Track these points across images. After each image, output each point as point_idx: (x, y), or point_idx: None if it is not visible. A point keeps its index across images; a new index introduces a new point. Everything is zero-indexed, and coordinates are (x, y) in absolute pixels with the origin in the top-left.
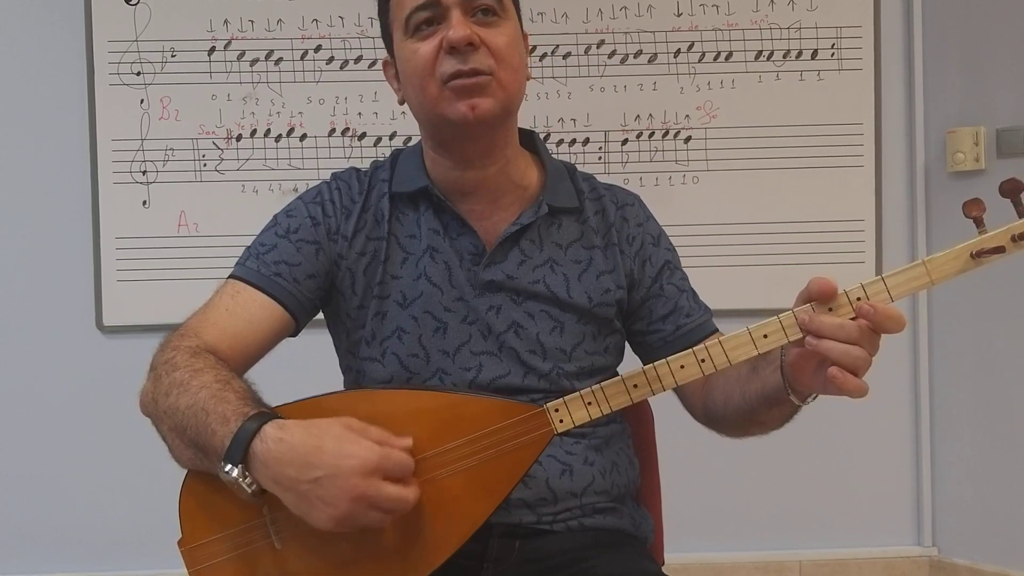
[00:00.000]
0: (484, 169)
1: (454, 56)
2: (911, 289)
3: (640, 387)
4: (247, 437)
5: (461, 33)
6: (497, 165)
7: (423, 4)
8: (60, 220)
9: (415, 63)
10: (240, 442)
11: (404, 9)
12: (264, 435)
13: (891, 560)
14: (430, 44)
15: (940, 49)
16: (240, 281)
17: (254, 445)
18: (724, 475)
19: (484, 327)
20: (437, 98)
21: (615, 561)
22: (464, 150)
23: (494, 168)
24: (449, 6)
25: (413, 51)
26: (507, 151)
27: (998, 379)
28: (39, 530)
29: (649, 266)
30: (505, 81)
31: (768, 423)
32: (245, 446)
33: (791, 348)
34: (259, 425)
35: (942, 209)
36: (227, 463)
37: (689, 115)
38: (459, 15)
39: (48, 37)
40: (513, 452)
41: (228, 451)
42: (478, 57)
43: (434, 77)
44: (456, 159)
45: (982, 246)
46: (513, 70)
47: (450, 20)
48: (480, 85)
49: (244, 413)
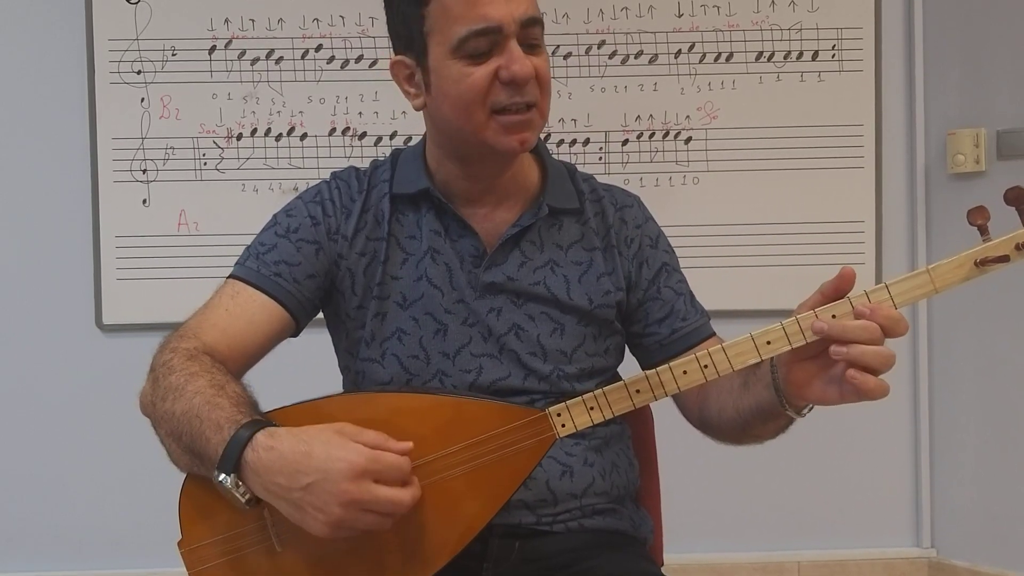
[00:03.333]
0: (498, 178)
1: (510, 88)
2: (915, 297)
3: (643, 392)
4: (239, 446)
5: (527, 69)
6: (508, 174)
7: (483, 30)
8: (60, 218)
9: (464, 87)
10: (232, 451)
11: (455, 28)
12: (255, 444)
13: (890, 561)
14: (484, 71)
15: (941, 51)
16: (240, 281)
17: (246, 454)
18: (723, 476)
19: (484, 329)
20: (484, 126)
21: (614, 562)
22: (491, 169)
23: (504, 177)
24: (508, 35)
25: (464, 74)
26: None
27: (998, 381)
28: (38, 529)
29: (646, 268)
30: (544, 110)
31: (762, 435)
32: (237, 455)
33: (785, 365)
34: (251, 434)
35: (942, 211)
36: (220, 472)
37: (690, 116)
38: (517, 46)
39: (48, 35)
40: (515, 456)
41: (221, 460)
42: (531, 90)
43: (484, 105)
44: (473, 171)
45: (986, 254)
46: (549, 97)
47: (509, 50)
48: (530, 120)
49: (237, 421)
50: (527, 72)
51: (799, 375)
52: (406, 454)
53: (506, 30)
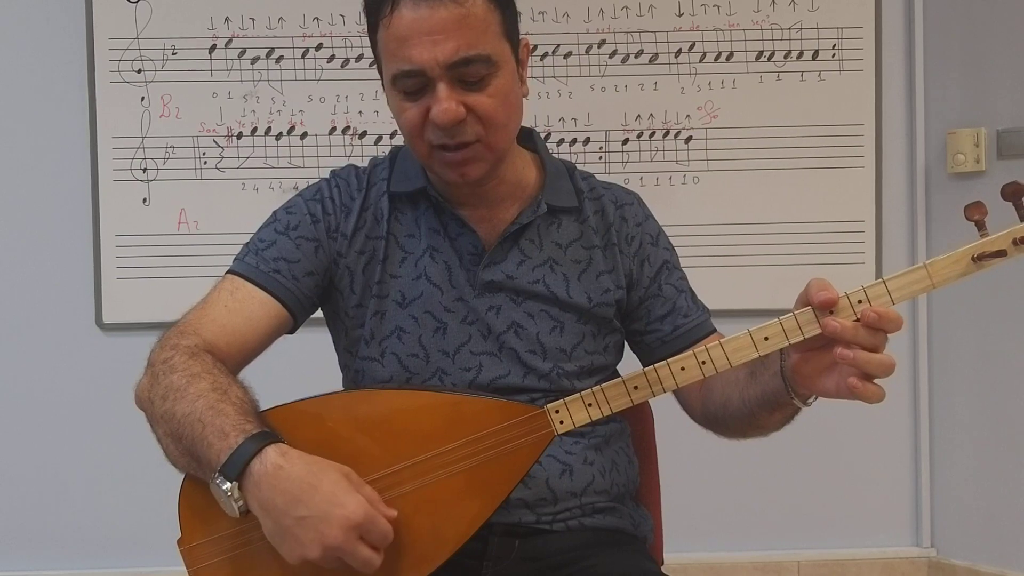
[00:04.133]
0: (480, 186)
1: (440, 129)
2: (912, 292)
3: (641, 389)
4: (246, 455)
5: (447, 117)
6: (493, 181)
7: (407, 72)
8: (60, 217)
9: (402, 121)
10: (239, 459)
11: (389, 65)
12: (265, 457)
13: (889, 561)
14: (416, 110)
15: (941, 50)
16: (239, 277)
17: (253, 465)
18: (723, 475)
19: (484, 327)
20: (428, 157)
21: (614, 561)
22: (462, 186)
23: (491, 183)
24: (434, 78)
25: (401, 108)
26: (502, 167)
27: (997, 380)
28: (38, 527)
29: (647, 266)
30: (494, 143)
31: (768, 426)
32: (244, 463)
33: (792, 353)
34: (261, 446)
35: (942, 210)
36: (222, 477)
37: (690, 115)
38: (445, 88)
39: (49, 34)
40: (513, 453)
41: (225, 466)
42: (464, 130)
43: (423, 139)
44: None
45: (984, 249)
46: (503, 128)
47: (436, 92)
48: (468, 157)
49: (246, 430)
50: (447, 118)
51: (802, 365)
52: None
53: (430, 73)
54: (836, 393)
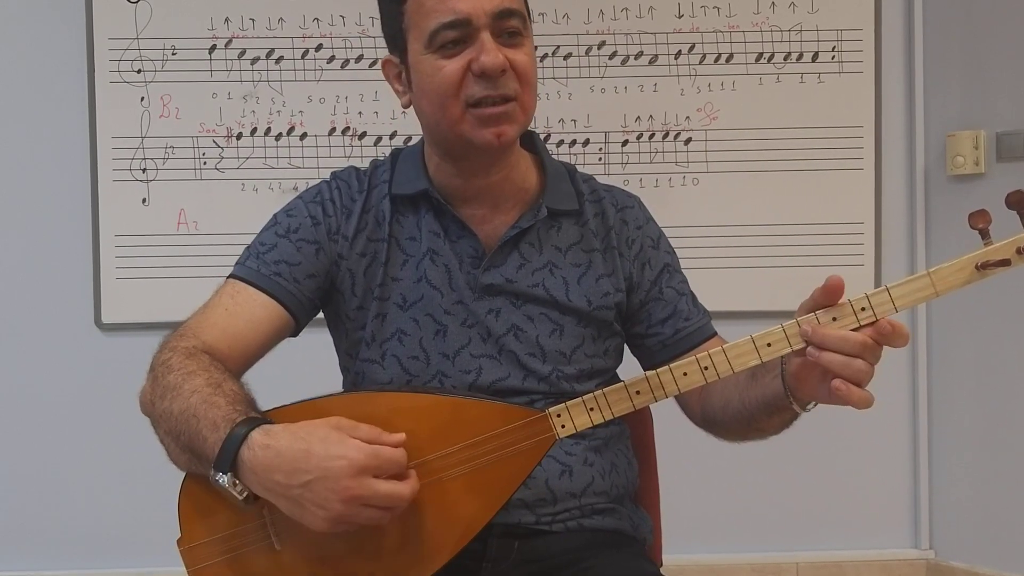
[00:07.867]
0: (488, 177)
1: (483, 81)
2: (916, 300)
3: (643, 394)
4: (235, 445)
5: (497, 60)
6: (502, 173)
7: (452, 23)
8: (59, 217)
9: (438, 81)
10: (228, 450)
11: (428, 22)
12: (251, 442)
13: (888, 562)
14: (456, 64)
15: (941, 52)
16: (240, 281)
17: (242, 453)
18: (722, 477)
19: (484, 330)
20: (459, 120)
21: (613, 562)
22: (476, 165)
23: (499, 176)
24: (479, 28)
25: (437, 68)
26: (512, 158)
27: (996, 382)
28: (38, 527)
29: (648, 269)
30: (527, 104)
31: (767, 429)
32: (233, 454)
33: (793, 357)
34: (246, 432)
35: (942, 212)
36: (217, 471)
37: (689, 117)
38: (490, 38)
39: (49, 34)
40: (515, 457)
41: (218, 459)
42: (506, 82)
43: (458, 99)
44: (462, 169)
45: (987, 258)
46: (533, 90)
47: (480, 42)
48: (507, 113)
49: (232, 419)
50: (497, 63)
51: (800, 370)
52: (400, 445)
53: (476, 22)
54: (828, 398)
